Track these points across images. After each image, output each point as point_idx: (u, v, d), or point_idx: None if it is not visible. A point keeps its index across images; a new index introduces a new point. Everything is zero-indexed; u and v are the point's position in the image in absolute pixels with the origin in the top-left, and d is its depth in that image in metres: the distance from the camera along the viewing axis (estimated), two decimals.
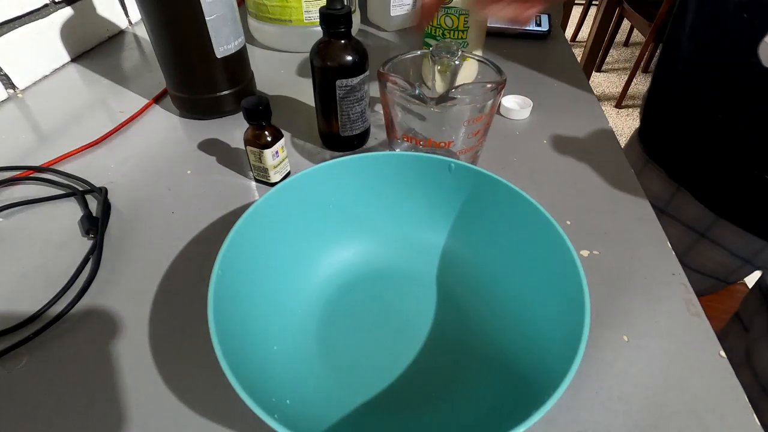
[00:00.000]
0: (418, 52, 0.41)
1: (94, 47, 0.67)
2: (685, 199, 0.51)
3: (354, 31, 0.67)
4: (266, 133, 0.39)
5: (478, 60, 0.40)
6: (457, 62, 0.39)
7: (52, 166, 0.44)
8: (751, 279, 1.42)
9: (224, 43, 0.47)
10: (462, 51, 0.38)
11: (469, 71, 0.41)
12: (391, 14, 0.71)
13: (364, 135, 0.47)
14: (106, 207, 0.40)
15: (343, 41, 0.40)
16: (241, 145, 0.48)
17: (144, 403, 0.27)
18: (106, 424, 0.27)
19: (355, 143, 0.47)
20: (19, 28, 0.55)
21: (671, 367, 0.30)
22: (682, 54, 0.45)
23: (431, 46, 0.40)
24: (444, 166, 0.33)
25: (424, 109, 0.36)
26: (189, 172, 0.45)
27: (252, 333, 0.26)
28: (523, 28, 0.70)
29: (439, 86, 0.41)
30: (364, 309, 0.32)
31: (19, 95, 0.56)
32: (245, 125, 0.50)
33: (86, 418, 0.27)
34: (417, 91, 0.34)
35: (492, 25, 0.69)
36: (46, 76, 0.59)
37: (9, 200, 0.41)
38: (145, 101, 0.55)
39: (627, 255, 0.37)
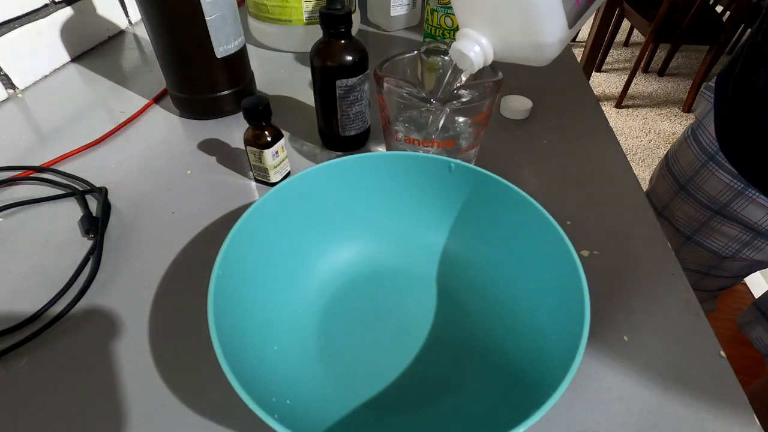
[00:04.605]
0: (413, 53, 0.40)
1: (94, 47, 0.67)
2: (744, 204, 0.48)
3: (354, 31, 0.67)
4: (266, 133, 0.39)
5: None
6: (447, 60, 0.38)
7: (52, 166, 0.44)
8: (752, 279, 1.42)
9: (224, 43, 0.47)
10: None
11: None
12: (391, 14, 0.71)
13: (364, 135, 0.47)
14: (106, 207, 0.40)
15: (343, 41, 0.40)
16: (241, 145, 0.48)
17: (144, 403, 0.27)
18: (106, 424, 0.27)
19: (355, 143, 0.47)
20: (19, 28, 0.54)
21: (671, 367, 0.30)
22: None
23: None
24: (444, 166, 0.33)
25: (425, 110, 0.36)
26: (189, 172, 0.45)
27: (252, 333, 0.26)
28: None
29: (428, 85, 0.41)
30: (364, 309, 0.32)
31: (19, 95, 0.56)
32: (245, 125, 0.50)
33: (86, 418, 0.27)
34: (421, 92, 0.34)
35: None
36: (46, 76, 0.59)
37: (9, 200, 0.41)
38: (145, 101, 0.55)
39: (627, 255, 0.37)
